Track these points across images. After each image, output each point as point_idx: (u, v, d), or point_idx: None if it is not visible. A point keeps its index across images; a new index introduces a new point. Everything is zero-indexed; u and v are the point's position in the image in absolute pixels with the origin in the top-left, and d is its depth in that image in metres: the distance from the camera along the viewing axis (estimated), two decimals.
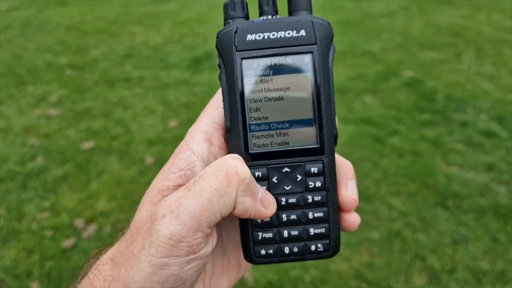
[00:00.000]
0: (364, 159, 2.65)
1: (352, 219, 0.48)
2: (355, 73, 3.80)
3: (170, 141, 2.92)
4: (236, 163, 0.40)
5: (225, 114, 0.44)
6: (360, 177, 2.50)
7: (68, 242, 2.13)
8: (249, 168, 0.43)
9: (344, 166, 0.49)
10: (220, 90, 0.46)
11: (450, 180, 2.46)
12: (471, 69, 3.86)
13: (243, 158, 0.44)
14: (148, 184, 0.45)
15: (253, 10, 0.48)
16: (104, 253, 0.44)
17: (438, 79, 3.68)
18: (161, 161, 2.69)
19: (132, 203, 2.36)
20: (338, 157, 0.48)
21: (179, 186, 0.43)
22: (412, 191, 2.39)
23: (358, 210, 1.79)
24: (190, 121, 0.49)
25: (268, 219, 0.45)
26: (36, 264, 2.02)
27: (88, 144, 2.92)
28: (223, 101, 0.44)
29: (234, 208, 0.41)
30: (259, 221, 0.45)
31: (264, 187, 0.44)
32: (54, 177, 2.61)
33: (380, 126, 2.99)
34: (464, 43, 4.50)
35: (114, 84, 3.81)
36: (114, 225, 2.21)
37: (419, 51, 4.31)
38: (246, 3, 0.46)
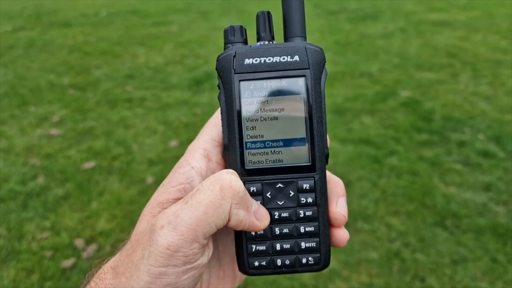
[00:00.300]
0: (363, 179, 2.67)
1: (341, 235, 0.49)
2: (353, 94, 3.85)
3: (170, 161, 2.94)
4: (230, 177, 0.43)
5: (223, 132, 0.47)
6: (359, 197, 2.51)
7: (67, 262, 2.13)
8: (245, 183, 0.46)
9: (335, 184, 0.50)
10: (219, 109, 0.49)
11: (449, 200, 2.48)
12: (468, 90, 3.91)
13: (239, 173, 0.46)
14: None
15: (252, 33, 0.52)
16: (106, 262, 0.47)
17: (435, 99, 3.73)
18: (161, 181, 2.70)
19: (132, 223, 2.37)
20: (330, 175, 0.50)
21: (178, 199, 0.45)
22: (411, 211, 2.40)
23: (357, 229, 1.80)
24: (191, 141, 0.51)
25: (262, 232, 0.47)
26: (35, 285, 2.02)
27: (89, 164, 2.94)
28: (222, 119, 0.47)
29: (228, 220, 0.43)
30: (253, 233, 0.47)
31: (259, 202, 0.47)
32: (55, 197, 2.63)
33: (379, 146, 3.01)
34: (461, 63, 4.56)
35: (116, 104, 3.85)
36: (114, 245, 2.21)
37: (417, 72, 4.37)
38: (245, 29, 0.50)
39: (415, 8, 7.26)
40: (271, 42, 0.49)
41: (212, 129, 0.50)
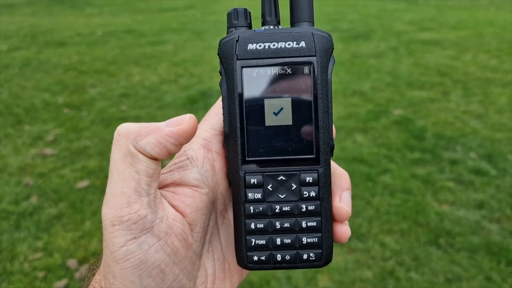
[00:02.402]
0: (356, 197, 2.68)
1: (343, 231, 0.47)
2: (346, 112, 3.89)
3: None
4: (122, 125, 0.42)
5: (224, 120, 0.45)
6: (353, 215, 2.52)
7: (60, 283, 2.11)
8: (245, 175, 0.45)
9: (340, 176, 0.48)
10: (221, 98, 0.47)
11: (442, 218, 2.49)
12: (459, 108, 3.97)
13: (239, 164, 0.45)
14: None
15: (257, 18, 0.50)
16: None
17: (427, 117, 3.78)
18: None
19: None
20: (335, 167, 0.48)
21: (163, 184, 0.45)
22: (405, 229, 2.40)
23: (351, 248, 1.81)
24: None
25: (262, 226, 0.45)
26: None
27: (82, 183, 2.94)
28: (223, 107, 0.45)
29: (148, 156, 0.41)
30: (253, 227, 0.45)
31: (259, 195, 0.45)
32: (48, 217, 2.61)
33: (372, 164, 3.03)
34: (452, 82, 4.64)
35: (110, 123, 3.86)
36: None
37: (408, 90, 4.43)
38: (249, 13, 0.48)
39: (406, 27, 7.40)
40: (276, 27, 0.47)
41: (213, 117, 0.48)
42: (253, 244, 0.45)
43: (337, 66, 5.28)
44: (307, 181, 0.45)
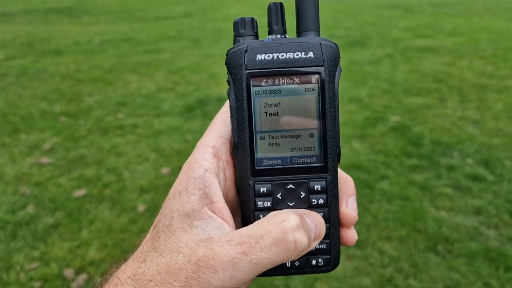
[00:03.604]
0: None
1: (350, 236, 0.48)
2: (343, 119, 3.90)
3: (162, 188, 2.93)
4: (295, 237, 0.40)
5: (232, 130, 0.46)
6: None
7: None
8: (255, 184, 0.45)
9: (345, 182, 0.49)
10: (226, 103, 0.47)
11: (440, 224, 2.49)
12: (455, 114, 3.98)
13: (249, 174, 0.45)
14: (140, 232, 0.47)
15: (262, 26, 0.51)
16: (116, 271, 0.45)
17: (424, 124, 3.79)
18: (153, 209, 2.69)
19: (122, 252, 2.34)
20: (340, 172, 0.49)
21: (202, 207, 0.44)
22: (403, 236, 2.40)
23: (350, 256, 1.80)
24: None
25: None
26: None
27: (79, 192, 2.92)
28: (231, 117, 0.46)
29: None
30: None
31: (269, 203, 0.45)
32: (44, 226, 2.59)
33: (369, 171, 3.04)
34: (448, 88, 4.66)
35: (107, 131, 3.86)
36: (104, 274, 2.18)
37: (405, 97, 4.45)
38: (256, 22, 0.48)
39: (402, 34, 7.45)
40: (283, 36, 0.47)
41: (221, 125, 0.48)
42: None
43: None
44: (315, 189, 0.46)
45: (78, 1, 14.53)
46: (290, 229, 0.40)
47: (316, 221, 0.44)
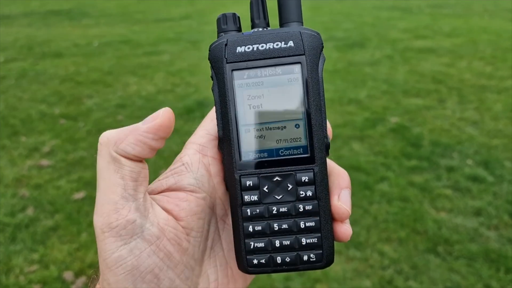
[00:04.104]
0: (354, 205, 2.67)
1: (343, 230, 0.46)
2: (342, 120, 3.90)
3: None
4: (104, 133, 0.43)
5: (217, 124, 0.45)
6: (351, 224, 2.50)
7: None
8: (241, 177, 0.44)
9: (338, 175, 0.48)
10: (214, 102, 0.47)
11: (440, 225, 2.48)
12: (455, 115, 3.98)
13: (235, 167, 0.45)
14: None
15: (247, 23, 0.50)
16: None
17: (423, 125, 3.79)
18: None
19: None
20: (333, 166, 0.48)
21: (158, 190, 0.45)
22: (403, 238, 2.40)
23: (349, 257, 1.80)
24: None
25: (260, 228, 0.45)
26: None
27: (79, 194, 2.92)
28: (216, 111, 0.45)
29: (130, 158, 0.42)
30: (251, 230, 0.45)
31: (256, 197, 0.45)
32: (44, 228, 2.59)
33: (369, 172, 3.03)
34: (447, 89, 4.66)
35: None
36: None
37: (404, 98, 4.45)
38: (239, 17, 0.48)
39: (401, 35, 7.45)
40: (265, 29, 0.47)
41: (209, 123, 0.48)
42: (252, 247, 0.45)
43: (333, 74, 5.31)
44: (303, 180, 0.45)
45: (77, 4, 14.54)
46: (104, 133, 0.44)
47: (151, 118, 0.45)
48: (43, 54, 7.04)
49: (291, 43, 0.44)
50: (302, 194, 0.45)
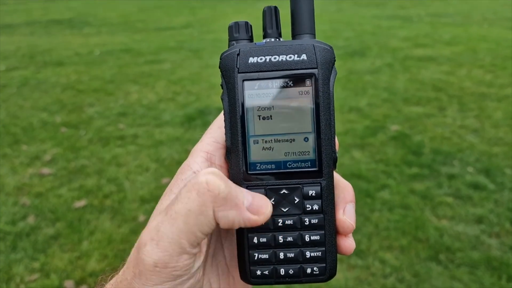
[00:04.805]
0: (356, 213, 2.67)
1: (347, 244, 0.46)
2: (343, 128, 3.91)
3: None
4: (207, 178, 0.39)
5: (226, 134, 0.45)
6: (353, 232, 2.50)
7: None
8: (247, 188, 0.44)
9: (343, 189, 0.47)
10: (223, 110, 0.47)
11: (442, 233, 2.48)
12: (455, 123, 3.99)
13: (241, 178, 0.44)
14: None
15: (258, 31, 0.50)
16: (110, 279, 0.45)
17: (424, 133, 3.79)
18: None
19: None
20: (338, 179, 0.48)
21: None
22: (404, 245, 2.39)
23: (351, 265, 1.79)
24: None
25: (264, 240, 0.45)
26: None
27: (80, 203, 2.92)
28: (224, 121, 0.45)
29: (217, 224, 0.40)
30: (256, 241, 0.45)
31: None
32: (45, 237, 2.59)
33: (370, 180, 3.03)
34: (447, 97, 4.67)
35: (108, 142, 3.86)
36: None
37: (405, 106, 4.46)
38: (251, 26, 0.48)
39: (401, 44, 7.48)
40: (277, 40, 0.47)
41: (216, 130, 0.48)
42: (256, 258, 0.45)
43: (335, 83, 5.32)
44: (310, 194, 0.45)
45: (79, 13, 14.64)
46: (203, 173, 0.40)
47: (255, 195, 0.42)
48: (44, 62, 7.07)
49: (304, 56, 0.44)
50: (309, 207, 0.45)
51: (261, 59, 0.44)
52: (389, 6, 13.58)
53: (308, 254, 0.45)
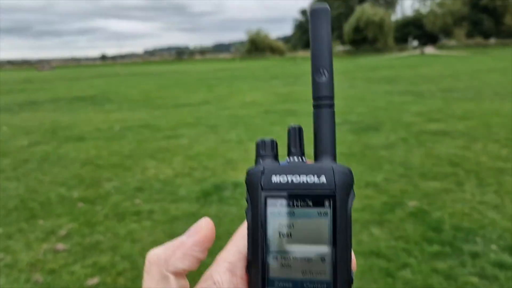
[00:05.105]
0: None
1: None
2: (360, 204, 3.86)
3: None
4: (152, 251, 0.43)
5: (248, 247, 0.46)
6: None
7: None
8: None
9: None
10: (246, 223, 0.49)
11: None
12: (474, 198, 3.91)
13: None
14: None
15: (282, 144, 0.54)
16: None
17: (443, 209, 3.72)
18: None
19: None
20: None
21: None
22: None
23: None
24: None
25: None
26: None
27: (93, 280, 2.86)
28: (247, 235, 0.47)
29: (178, 273, 0.43)
30: None
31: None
32: None
33: (390, 258, 2.93)
34: (465, 172, 4.63)
35: (124, 217, 3.87)
36: None
37: (422, 181, 4.42)
38: (276, 143, 0.51)
39: (414, 119, 7.59)
40: (300, 158, 0.50)
41: (240, 240, 0.48)
42: None
43: (349, 158, 5.35)
44: None
45: (102, 91, 15.38)
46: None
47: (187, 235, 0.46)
48: (66, 138, 7.33)
49: (323, 179, 0.46)
50: None
51: (283, 178, 0.47)
52: (401, 82, 13.99)
53: None
